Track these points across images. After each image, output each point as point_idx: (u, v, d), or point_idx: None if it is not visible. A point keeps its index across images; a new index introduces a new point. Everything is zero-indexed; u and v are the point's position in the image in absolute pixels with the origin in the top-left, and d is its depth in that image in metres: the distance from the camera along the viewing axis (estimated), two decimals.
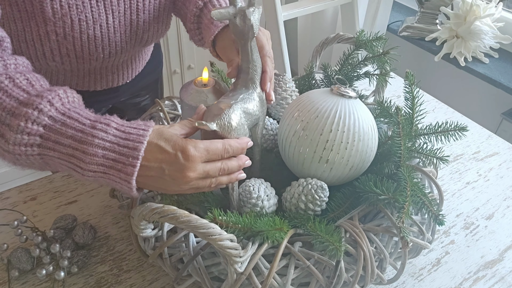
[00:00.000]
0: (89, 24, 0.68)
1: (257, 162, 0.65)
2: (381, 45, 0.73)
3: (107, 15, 0.69)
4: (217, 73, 0.81)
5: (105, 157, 0.44)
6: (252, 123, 0.58)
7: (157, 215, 0.45)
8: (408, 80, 0.66)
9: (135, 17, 0.73)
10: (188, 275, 0.55)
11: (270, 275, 0.50)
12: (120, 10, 0.70)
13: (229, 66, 0.65)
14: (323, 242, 0.51)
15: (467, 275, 0.68)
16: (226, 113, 0.51)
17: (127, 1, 0.70)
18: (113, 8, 0.69)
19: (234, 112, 0.53)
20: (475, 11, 1.47)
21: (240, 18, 0.54)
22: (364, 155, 0.59)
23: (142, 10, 0.73)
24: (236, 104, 0.54)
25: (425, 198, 0.57)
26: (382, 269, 0.56)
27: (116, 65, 0.83)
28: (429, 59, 1.68)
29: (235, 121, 0.52)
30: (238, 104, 0.54)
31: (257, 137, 0.63)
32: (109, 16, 0.70)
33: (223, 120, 0.51)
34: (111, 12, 0.69)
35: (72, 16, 0.65)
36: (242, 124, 0.54)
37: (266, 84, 0.60)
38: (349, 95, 0.60)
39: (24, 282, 0.62)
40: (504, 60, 1.56)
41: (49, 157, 0.46)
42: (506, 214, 0.79)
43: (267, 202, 0.57)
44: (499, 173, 0.88)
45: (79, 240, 0.66)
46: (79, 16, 0.66)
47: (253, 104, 0.57)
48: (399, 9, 1.92)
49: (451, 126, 0.66)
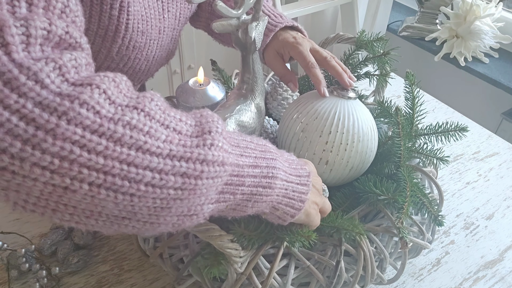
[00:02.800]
0: (141, 60, 0.67)
1: None
2: (381, 45, 0.73)
3: (156, 50, 0.69)
4: (218, 72, 0.81)
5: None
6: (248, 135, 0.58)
7: None
8: (409, 80, 0.66)
9: (171, 47, 0.73)
10: (189, 275, 0.55)
11: (270, 275, 0.50)
12: (163, 43, 0.70)
13: (284, 81, 0.67)
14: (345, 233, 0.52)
15: (467, 275, 0.68)
16: None
17: (169, 34, 0.70)
18: (163, 43, 0.69)
19: (228, 126, 0.53)
20: (475, 11, 1.47)
21: (242, 32, 0.53)
22: (364, 156, 0.59)
23: (175, 39, 0.73)
24: (230, 118, 0.54)
25: (425, 198, 0.57)
26: (382, 269, 0.57)
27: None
28: (429, 59, 1.68)
29: None
30: (232, 117, 0.54)
31: None
32: (157, 51, 0.69)
33: None
34: (160, 47, 0.69)
35: (131, 56, 0.64)
36: None
37: (320, 90, 0.61)
38: (348, 96, 0.60)
39: (24, 282, 0.62)
40: (504, 60, 1.56)
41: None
42: (506, 214, 0.79)
43: None
44: (499, 173, 0.88)
45: (79, 241, 0.66)
46: (136, 55, 0.65)
47: (249, 116, 0.57)
48: (399, 9, 1.91)
49: (451, 127, 0.66)
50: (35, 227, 0.70)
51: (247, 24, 0.53)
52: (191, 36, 1.84)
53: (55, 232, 0.66)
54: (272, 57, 0.69)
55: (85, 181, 0.29)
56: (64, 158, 0.28)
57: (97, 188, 0.30)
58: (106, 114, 0.30)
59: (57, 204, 0.30)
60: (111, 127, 0.30)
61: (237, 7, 0.52)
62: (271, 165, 0.41)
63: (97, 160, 0.29)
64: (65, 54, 0.31)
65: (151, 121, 0.32)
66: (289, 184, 0.43)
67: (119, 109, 0.31)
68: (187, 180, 0.33)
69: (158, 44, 0.68)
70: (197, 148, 0.33)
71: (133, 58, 0.65)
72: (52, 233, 0.66)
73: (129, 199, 0.31)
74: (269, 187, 0.41)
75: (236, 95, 0.59)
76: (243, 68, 0.58)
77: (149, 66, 0.71)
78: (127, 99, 0.32)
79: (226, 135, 0.37)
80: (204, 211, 0.37)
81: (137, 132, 0.31)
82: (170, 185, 0.32)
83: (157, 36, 0.66)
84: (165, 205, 0.33)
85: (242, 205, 0.41)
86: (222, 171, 0.35)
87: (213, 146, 0.34)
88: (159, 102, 0.34)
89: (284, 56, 0.69)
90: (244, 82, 0.58)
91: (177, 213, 0.35)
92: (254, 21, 0.53)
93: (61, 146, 0.28)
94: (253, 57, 0.56)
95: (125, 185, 0.30)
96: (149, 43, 0.65)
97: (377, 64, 0.74)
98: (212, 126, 0.35)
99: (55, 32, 0.31)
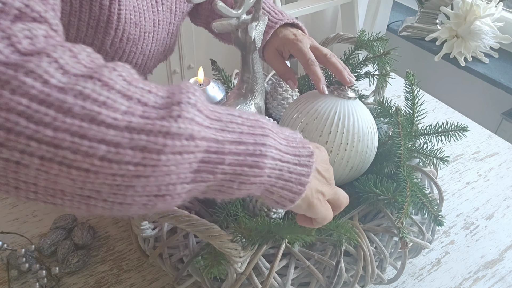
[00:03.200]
0: (136, 54, 0.67)
1: None
2: (381, 45, 0.73)
3: (152, 44, 0.69)
4: (218, 72, 0.81)
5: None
6: None
7: (157, 215, 0.45)
8: (409, 80, 0.66)
9: (169, 42, 0.73)
10: (188, 275, 0.55)
11: (270, 275, 0.50)
12: (159, 37, 0.70)
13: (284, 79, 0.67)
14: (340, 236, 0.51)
15: (467, 275, 0.68)
16: None
17: (165, 27, 0.70)
18: (158, 37, 0.69)
19: None
20: (475, 11, 1.47)
21: (242, 32, 0.53)
22: (364, 155, 0.59)
23: (174, 33, 0.73)
24: None
25: (424, 198, 0.57)
26: (382, 269, 0.57)
27: None
28: (429, 59, 1.68)
29: None
30: None
31: None
32: (153, 45, 0.69)
33: None
34: (156, 41, 0.69)
35: (125, 49, 0.64)
36: None
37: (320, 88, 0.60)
38: (348, 96, 0.60)
39: (24, 282, 0.62)
40: (504, 60, 1.56)
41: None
42: (506, 214, 0.79)
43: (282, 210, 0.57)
44: (499, 173, 0.88)
45: (78, 241, 0.66)
46: (131, 48, 0.65)
47: None
48: (399, 9, 1.91)
49: (451, 127, 0.66)
50: (35, 227, 0.70)
51: (247, 24, 0.53)
52: (191, 35, 1.84)
53: (54, 232, 0.66)
54: (272, 54, 0.69)
55: (35, 154, 0.28)
56: (10, 130, 0.27)
57: (49, 163, 0.28)
58: (56, 83, 0.28)
59: (17, 181, 0.29)
60: (60, 97, 0.28)
61: (237, 7, 0.52)
62: (260, 142, 0.36)
63: (45, 132, 0.27)
64: (17, 24, 0.30)
65: (109, 91, 0.29)
66: (284, 165, 0.38)
67: (72, 79, 0.29)
68: (148, 155, 0.30)
69: (154, 38, 0.68)
70: (161, 120, 0.30)
71: (128, 52, 0.65)
72: (52, 233, 0.66)
73: (84, 175, 0.29)
74: (257, 166, 0.36)
75: (236, 95, 0.59)
76: (243, 68, 0.58)
77: (146, 60, 0.70)
78: (84, 69, 0.30)
79: (202, 107, 0.33)
80: (178, 192, 0.33)
81: (90, 103, 0.28)
82: (128, 160, 0.29)
83: (151, 29, 0.66)
84: (128, 182, 0.30)
85: (226, 186, 0.36)
86: (193, 146, 0.31)
87: (180, 118, 0.31)
88: (124, 72, 0.31)
89: (284, 53, 0.69)
90: (244, 82, 0.58)
91: (145, 193, 0.32)
92: (254, 21, 0.53)
93: (5, 117, 0.26)
94: (253, 56, 0.56)
95: (78, 159, 0.28)
96: (143, 36, 0.65)
97: (377, 64, 0.73)
98: (183, 97, 0.32)
99: (11, 5, 0.30)
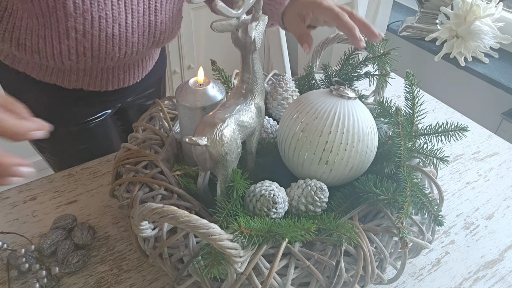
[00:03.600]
0: (109, 22, 0.68)
1: (250, 169, 0.65)
2: (381, 45, 0.73)
3: (126, 14, 0.69)
4: (217, 72, 0.81)
5: None
6: (247, 135, 0.58)
7: (157, 215, 0.45)
8: (409, 80, 0.66)
9: (153, 18, 0.74)
10: (188, 275, 0.55)
11: (270, 275, 0.50)
12: (139, 10, 0.71)
13: (300, 41, 0.65)
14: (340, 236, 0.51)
15: (467, 275, 0.68)
16: (218, 128, 0.51)
17: (146, 1, 0.71)
18: (132, 8, 0.70)
19: (228, 126, 0.53)
20: (475, 11, 1.47)
21: (242, 32, 0.53)
22: (364, 156, 0.59)
23: (160, 10, 0.74)
24: (230, 118, 0.54)
25: (425, 198, 0.57)
26: (382, 269, 0.57)
27: (128, 64, 0.83)
28: (429, 59, 1.68)
29: (227, 136, 0.52)
30: (232, 117, 0.54)
31: (252, 146, 0.63)
32: (129, 16, 0.70)
33: (215, 135, 0.51)
34: (130, 11, 0.70)
35: (93, 13, 0.65)
36: (235, 139, 0.54)
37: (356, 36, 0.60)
38: (348, 96, 0.60)
39: (24, 282, 0.62)
40: (504, 60, 1.56)
41: None
42: (506, 214, 0.79)
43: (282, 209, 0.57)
44: (499, 173, 0.88)
45: (78, 242, 0.66)
46: (100, 13, 0.66)
47: (249, 116, 0.57)
48: (399, 9, 1.92)
49: (451, 127, 0.66)
50: (35, 227, 0.70)
51: (247, 24, 0.53)
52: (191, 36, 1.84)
53: (54, 232, 0.66)
54: (293, 19, 0.69)
55: None
56: None
57: None
58: None
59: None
60: None
61: (237, 7, 0.52)
62: None
63: None
64: None
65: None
66: None
67: None
68: None
69: (128, 7, 0.69)
70: None
71: (97, 18, 0.66)
72: (52, 233, 0.66)
73: None
74: None
75: (236, 95, 0.59)
76: (243, 68, 0.58)
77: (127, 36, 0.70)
78: None
79: None
80: None
81: None
82: None
83: None
84: None
85: None
86: None
87: None
88: None
89: (306, 17, 0.69)
90: (244, 82, 0.58)
91: None
92: (254, 21, 0.53)
93: None
94: (253, 57, 0.56)
95: None
96: (110, 1, 0.65)
97: (377, 64, 0.74)
98: None
99: None
